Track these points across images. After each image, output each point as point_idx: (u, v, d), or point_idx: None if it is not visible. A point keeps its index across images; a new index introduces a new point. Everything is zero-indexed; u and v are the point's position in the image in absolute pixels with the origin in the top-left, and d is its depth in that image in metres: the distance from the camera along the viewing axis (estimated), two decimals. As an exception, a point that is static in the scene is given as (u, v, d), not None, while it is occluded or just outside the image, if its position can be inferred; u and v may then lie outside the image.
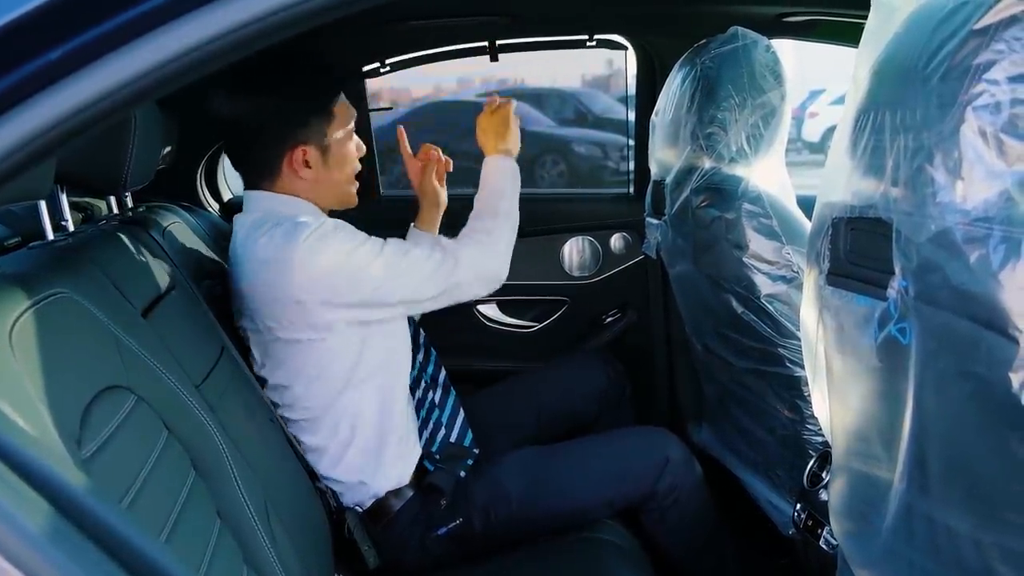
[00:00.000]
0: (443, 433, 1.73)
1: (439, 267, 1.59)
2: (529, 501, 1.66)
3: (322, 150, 1.60)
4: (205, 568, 1.03)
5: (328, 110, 1.60)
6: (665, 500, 1.71)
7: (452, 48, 2.40)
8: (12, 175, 0.68)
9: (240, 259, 1.55)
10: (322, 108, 1.60)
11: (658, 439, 1.78)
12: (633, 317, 2.54)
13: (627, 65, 2.47)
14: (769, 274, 1.55)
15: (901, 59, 0.76)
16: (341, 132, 1.62)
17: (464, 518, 1.64)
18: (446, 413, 1.76)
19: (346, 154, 1.64)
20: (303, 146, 1.58)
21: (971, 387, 0.67)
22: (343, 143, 1.63)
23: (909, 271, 0.72)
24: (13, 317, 0.90)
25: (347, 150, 1.64)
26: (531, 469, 1.71)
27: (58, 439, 0.84)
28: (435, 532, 1.63)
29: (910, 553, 0.81)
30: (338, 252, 1.50)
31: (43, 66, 0.65)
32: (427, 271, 1.58)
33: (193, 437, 1.17)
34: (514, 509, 1.65)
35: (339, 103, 1.62)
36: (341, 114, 1.62)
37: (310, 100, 1.59)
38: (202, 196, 2.49)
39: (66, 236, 1.34)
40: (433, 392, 1.78)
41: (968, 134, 0.65)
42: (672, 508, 1.71)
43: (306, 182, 1.60)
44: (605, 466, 1.70)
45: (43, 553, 0.63)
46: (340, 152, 1.63)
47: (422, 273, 1.58)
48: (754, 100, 1.59)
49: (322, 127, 1.59)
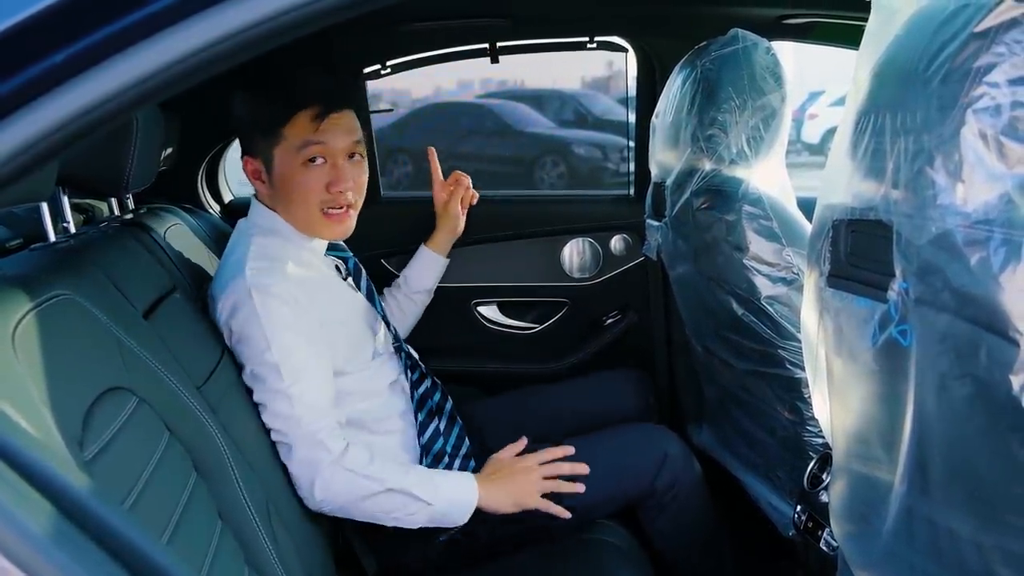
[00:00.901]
0: (445, 462, 1.71)
1: (306, 420, 1.44)
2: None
3: (267, 166, 1.55)
4: (207, 569, 1.04)
5: (274, 130, 1.51)
6: (664, 497, 1.70)
7: (453, 50, 2.40)
8: (16, 177, 0.69)
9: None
10: (266, 125, 1.52)
11: (657, 435, 1.78)
12: (633, 319, 2.54)
13: (627, 67, 2.47)
14: (769, 276, 1.55)
15: (902, 61, 0.76)
16: (290, 156, 1.52)
17: (465, 523, 1.64)
18: (450, 443, 1.74)
19: (291, 180, 1.53)
20: (251, 157, 1.56)
21: (972, 389, 0.67)
22: (291, 168, 1.52)
23: (910, 273, 0.72)
24: (16, 319, 0.90)
25: (294, 176, 1.52)
26: None
27: (60, 440, 0.84)
28: (436, 539, 1.61)
29: (911, 555, 0.81)
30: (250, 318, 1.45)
31: (48, 68, 0.65)
32: (299, 407, 1.44)
33: (194, 438, 1.17)
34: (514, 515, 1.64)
35: (294, 126, 1.50)
36: (294, 137, 1.50)
37: (257, 113, 1.54)
38: (203, 198, 2.50)
39: (68, 238, 1.34)
40: (439, 420, 1.75)
41: (969, 137, 0.65)
42: (670, 505, 1.71)
43: (266, 196, 1.59)
44: (604, 463, 1.68)
45: (46, 554, 0.63)
46: (287, 176, 1.53)
47: (300, 403, 1.44)
48: (754, 102, 1.59)
49: (268, 145, 1.52)
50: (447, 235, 1.94)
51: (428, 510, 1.49)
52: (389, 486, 1.46)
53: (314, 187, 1.53)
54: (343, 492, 1.46)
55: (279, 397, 1.43)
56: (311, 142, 1.50)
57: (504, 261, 2.55)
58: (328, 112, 1.51)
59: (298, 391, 1.43)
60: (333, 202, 1.55)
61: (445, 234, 1.94)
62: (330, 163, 1.53)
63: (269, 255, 1.52)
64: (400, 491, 1.47)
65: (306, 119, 1.50)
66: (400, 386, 1.73)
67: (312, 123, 1.50)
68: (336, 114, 1.52)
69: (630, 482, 1.70)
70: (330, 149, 1.53)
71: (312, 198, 1.54)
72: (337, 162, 1.54)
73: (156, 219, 1.76)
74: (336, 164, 1.54)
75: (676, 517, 1.72)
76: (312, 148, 1.51)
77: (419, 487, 1.48)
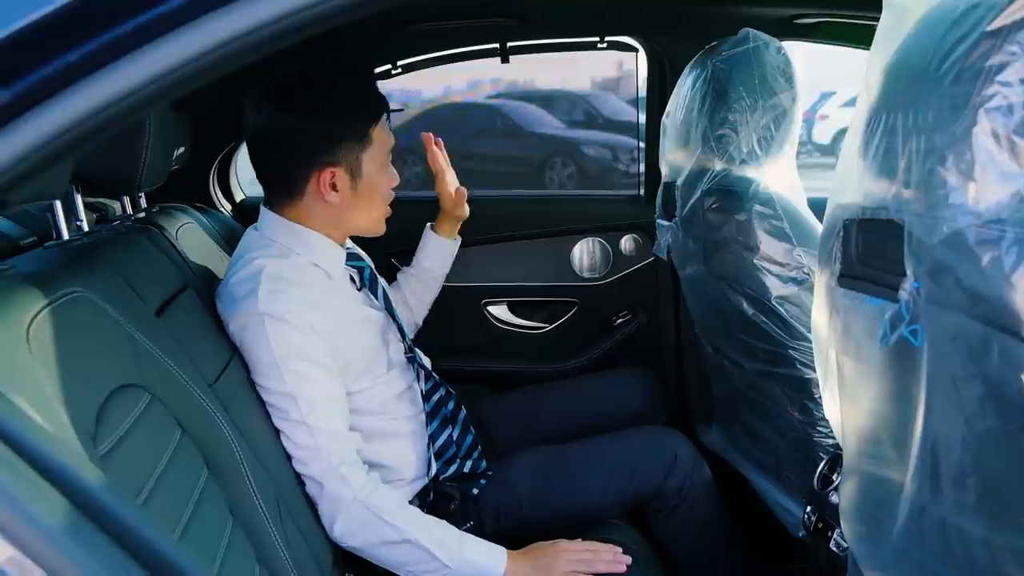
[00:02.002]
0: (456, 466, 1.70)
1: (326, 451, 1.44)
2: (539, 503, 1.66)
3: (352, 175, 1.54)
4: (219, 565, 1.04)
5: (365, 134, 1.53)
6: (673, 499, 1.70)
7: (464, 50, 2.41)
8: (32, 175, 0.69)
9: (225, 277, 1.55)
10: (358, 131, 1.53)
11: (667, 437, 1.78)
12: (643, 319, 2.54)
13: (638, 67, 2.47)
14: (780, 276, 1.55)
15: (913, 61, 0.76)
16: (376, 159, 1.56)
17: (475, 521, 1.64)
18: (463, 450, 1.73)
19: (377, 183, 1.58)
20: (332, 168, 1.51)
21: (983, 389, 0.67)
22: (376, 171, 1.57)
23: (921, 273, 0.72)
24: (30, 316, 0.91)
25: (379, 179, 1.58)
26: (540, 470, 1.71)
27: (74, 436, 0.85)
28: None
29: (921, 556, 0.80)
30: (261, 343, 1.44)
31: (62, 67, 0.65)
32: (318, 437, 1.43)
33: (206, 436, 1.18)
34: (524, 511, 1.66)
35: (378, 128, 1.55)
36: (379, 140, 1.55)
37: (347, 121, 1.53)
38: (214, 197, 2.51)
39: (81, 236, 1.35)
40: (452, 429, 1.72)
41: (981, 136, 0.65)
42: (680, 507, 1.71)
43: (331, 207, 1.54)
44: (614, 465, 1.69)
45: (60, 548, 0.63)
46: (371, 180, 1.56)
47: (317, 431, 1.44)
48: (765, 102, 1.59)
49: (355, 151, 1.53)
50: (448, 217, 1.99)
51: (445, 571, 1.43)
52: (408, 537, 1.42)
53: (386, 187, 1.61)
54: (361, 532, 1.44)
55: (298, 427, 1.43)
56: (389, 147, 1.59)
57: (514, 261, 2.56)
58: (388, 114, 1.60)
59: (315, 421, 1.42)
60: (391, 198, 1.64)
61: (446, 216, 1.98)
62: (389, 163, 1.62)
63: (284, 276, 1.48)
64: (419, 546, 1.43)
65: (383, 122, 1.57)
66: (411, 395, 1.70)
67: (385, 126, 1.58)
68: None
69: (640, 484, 1.69)
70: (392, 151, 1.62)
71: (386, 198, 1.62)
72: (392, 161, 1.63)
73: (168, 218, 1.77)
74: (392, 163, 1.63)
75: (686, 519, 1.72)
76: (390, 153, 1.61)
77: (440, 547, 1.43)
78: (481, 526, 1.64)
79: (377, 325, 1.66)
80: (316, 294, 1.51)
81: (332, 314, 1.51)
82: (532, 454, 1.76)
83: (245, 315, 1.44)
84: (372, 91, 1.58)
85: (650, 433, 1.83)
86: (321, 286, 1.55)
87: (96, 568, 0.64)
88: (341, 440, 1.45)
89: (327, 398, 1.46)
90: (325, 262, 1.57)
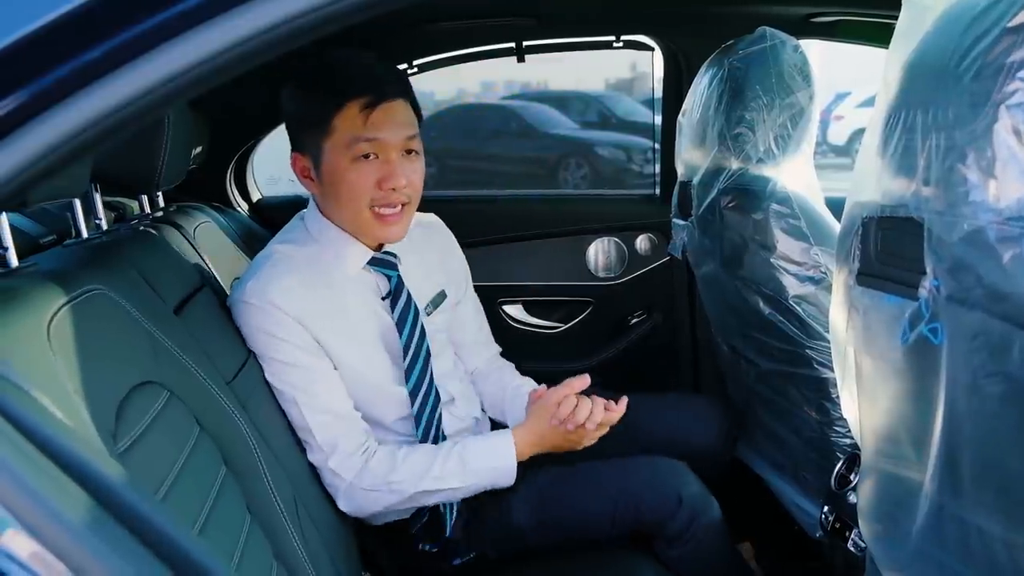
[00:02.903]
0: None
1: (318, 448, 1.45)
2: (541, 534, 1.60)
3: (316, 163, 1.45)
4: (237, 561, 1.05)
5: (322, 123, 1.41)
6: (678, 536, 1.57)
7: (479, 49, 2.41)
8: (51, 173, 0.70)
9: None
10: (316, 116, 1.42)
11: (673, 473, 1.63)
12: (659, 318, 2.53)
13: (653, 66, 2.47)
14: (797, 275, 1.54)
15: (933, 58, 0.75)
16: (341, 150, 1.41)
17: (477, 552, 1.61)
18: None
19: (343, 177, 1.43)
20: (298, 153, 1.48)
21: (1004, 387, 0.67)
22: (343, 163, 1.42)
23: (941, 270, 0.72)
24: (50, 313, 0.92)
25: (346, 172, 1.42)
26: (542, 501, 1.61)
27: (95, 432, 0.85)
28: (450, 562, 1.60)
29: (940, 555, 0.80)
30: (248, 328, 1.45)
31: (80, 66, 0.66)
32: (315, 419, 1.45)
33: (224, 433, 1.19)
34: (526, 542, 1.61)
35: (344, 118, 1.40)
36: (344, 131, 1.40)
37: (302, 107, 1.46)
38: (232, 196, 2.52)
39: (100, 234, 1.36)
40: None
41: (1001, 133, 0.65)
42: (687, 544, 1.58)
43: (318, 197, 1.52)
44: (617, 498, 1.58)
45: (82, 541, 0.64)
46: (336, 172, 1.43)
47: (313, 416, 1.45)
48: (782, 100, 1.58)
49: (317, 139, 1.43)
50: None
51: (466, 490, 1.48)
52: (412, 492, 1.45)
53: (364, 184, 1.43)
54: (370, 507, 1.47)
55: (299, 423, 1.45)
56: (361, 138, 1.40)
57: (529, 260, 2.56)
58: (379, 102, 1.41)
59: (312, 421, 1.44)
60: (385, 200, 1.45)
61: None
62: (383, 158, 1.43)
63: (289, 264, 1.47)
64: (427, 492, 1.46)
65: (355, 110, 1.40)
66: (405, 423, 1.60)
67: (362, 114, 1.40)
68: (388, 104, 1.42)
69: (645, 516, 1.58)
70: (382, 144, 1.42)
71: (362, 196, 1.44)
72: (390, 157, 1.43)
73: (186, 217, 1.78)
74: (389, 159, 1.43)
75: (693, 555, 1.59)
76: (362, 144, 1.41)
77: (445, 480, 1.45)
78: (485, 556, 1.61)
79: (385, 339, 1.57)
80: (320, 287, 1.48)
81: (337, 319, 1.48)
82: (532, 482, 1.63)
83: (236, 299, 1.45)
84: (351, 74, 1.43)
85: (657, 467, 1.66)
86: (330, 280, 1.50)
87: (119, 564, 0.65)
88: (335, 440, 1.45)
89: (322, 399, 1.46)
90: (340, 258, 1.52)
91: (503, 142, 10.10)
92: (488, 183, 9.71)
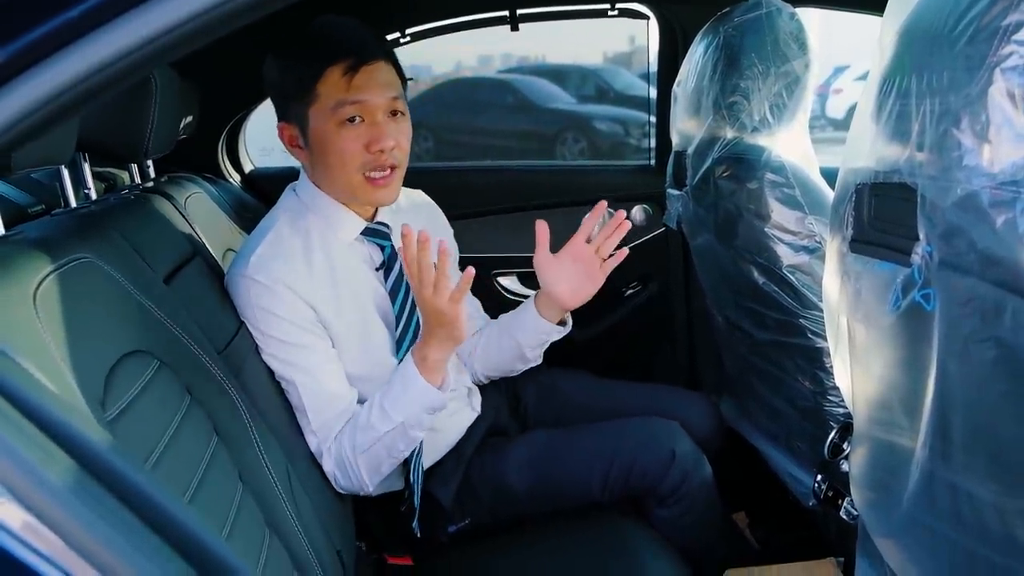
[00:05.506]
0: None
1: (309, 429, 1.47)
2: (535, 497, 1.62)
3: (303, 131, 1.46)
4: (228, 529, 1.05)
5: (306, 89, 1.41)
6: (671, 496, 1.61)
7: (473, 17, 2.39)
8: (34, 135, 0.69)
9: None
10: (298, 85, 1.42)
11: (667, 432, 1.67)
12: (654, 289, 2.53)
13: (648, 35, 2.45)
14: (791, 244, 1.54)
15: (927, 22, 0.74)
16: (327, 117, 1.42)
17: (472, 517, 1.63)
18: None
19: (331, 141, 1.43)
20: (285, 123, 1.48)
21: (995, 353, 0.66)
22: (330, 128, 1.43)
23: (934, 236, 0.71)
24: (37, 280, 0.91)
25: (334, 137, 1.43)
26: (536, 463, 1.64)
27: (83, 400, 0.85)
28: (445, 529, 1.61)
29: (932, 521, 0.80)
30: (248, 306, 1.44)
31: (62, 24, 0.65)
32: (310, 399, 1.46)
33: (215, 402, 1.19)
34: (521, 505, 1.63)
35: (327, 83, 1.41)
36: (328, 96, 1.41)
37: (284, 75, 1.45)
38: (223, 167, 2.50)
39: (89, 204, 1.35)
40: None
41: (996, 96, 0.64)
42: (678, 504, 1.62)
43: (307, 165, 1.52)
44: (611, 456, 1.61)
45: (70, 510, 0.64)
46: (323, 139, 1.44)
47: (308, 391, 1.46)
48: (777, 69, 1.57)
49: (302, 107, 1.43)
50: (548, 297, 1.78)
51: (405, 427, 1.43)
52: (359, 452, 1.45)
53: (352, 148, 1.43)
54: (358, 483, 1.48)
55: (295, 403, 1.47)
56: (346, 101, 1.41)
57: (524, 232, 2.53)
58: (361, 64, 1.41)
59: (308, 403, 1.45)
60: (374, 163, 1.45)
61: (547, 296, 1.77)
62: (368, 121, 1.43)
63: (286, 237, 1.47)
64: (372, 446, 1.44)
65: (338, 74, 1.40)
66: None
67: (344, 78, 1.40)
68: (370, 66, 1.42)
69: (637, 477, 1.61)
70: (368, 106, 1.43)
71: (351, 161, 1.44)
72: (376, 119, 1.44)
73: (177, 187, 1.77)
74: (376, 122, 1.44)
75: (683, 516, 1.63)
76: (347, 108, 1.41)
77: (373, 428, 1.44)
78: (479, 521, 1.63)
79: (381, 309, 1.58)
80: (318, 260, 1.49)
81: (330, 289, 1.49)
82: (526, 443, 1.69)
83: (237, 274, 1.45)
84: (332, 38, 1.43)
85: (650, 427, 1.70)
86: (327, 252, 1.51)
87: (108, 532, 0.64)
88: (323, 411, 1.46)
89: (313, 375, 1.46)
90: (333, 228, 1.53)
91: (500, 116, 10.05)
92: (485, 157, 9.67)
